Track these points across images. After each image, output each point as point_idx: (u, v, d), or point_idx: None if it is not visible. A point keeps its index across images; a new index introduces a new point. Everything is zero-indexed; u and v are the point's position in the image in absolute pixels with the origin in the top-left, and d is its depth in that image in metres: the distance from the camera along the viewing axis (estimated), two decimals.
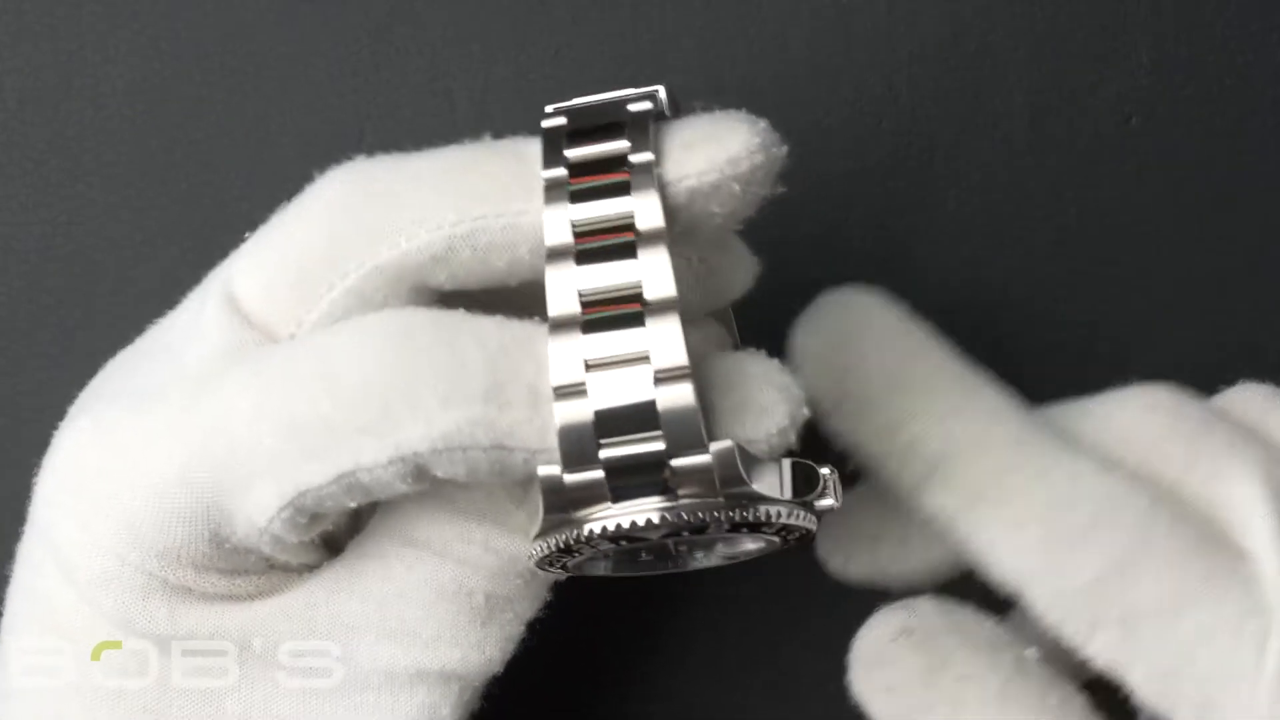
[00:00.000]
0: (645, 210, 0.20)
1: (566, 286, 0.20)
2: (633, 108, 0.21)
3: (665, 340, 0.19)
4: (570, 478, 0.19)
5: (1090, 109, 0.30)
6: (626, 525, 0.19)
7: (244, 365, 0.21)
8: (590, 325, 0.19)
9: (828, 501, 0.20)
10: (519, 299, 0.21)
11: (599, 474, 0.19)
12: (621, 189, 0.20)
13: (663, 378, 0.19)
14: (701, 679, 0.30)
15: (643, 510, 0.19)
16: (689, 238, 0.21)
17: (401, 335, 0.20)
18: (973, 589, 0.24)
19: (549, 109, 0.22)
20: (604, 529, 0.19)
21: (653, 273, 0.20)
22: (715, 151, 0.20)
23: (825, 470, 0.21)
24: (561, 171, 0.20)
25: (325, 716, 0.22)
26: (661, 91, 0.22)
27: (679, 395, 0.19)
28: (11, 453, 0.30)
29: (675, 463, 0.19)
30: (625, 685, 0.30)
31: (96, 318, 0.30)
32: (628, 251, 0.20)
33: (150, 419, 0.21)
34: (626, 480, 0.19)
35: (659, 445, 0.19)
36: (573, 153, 0.21)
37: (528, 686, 0.24)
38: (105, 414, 0.22)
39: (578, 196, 0.20)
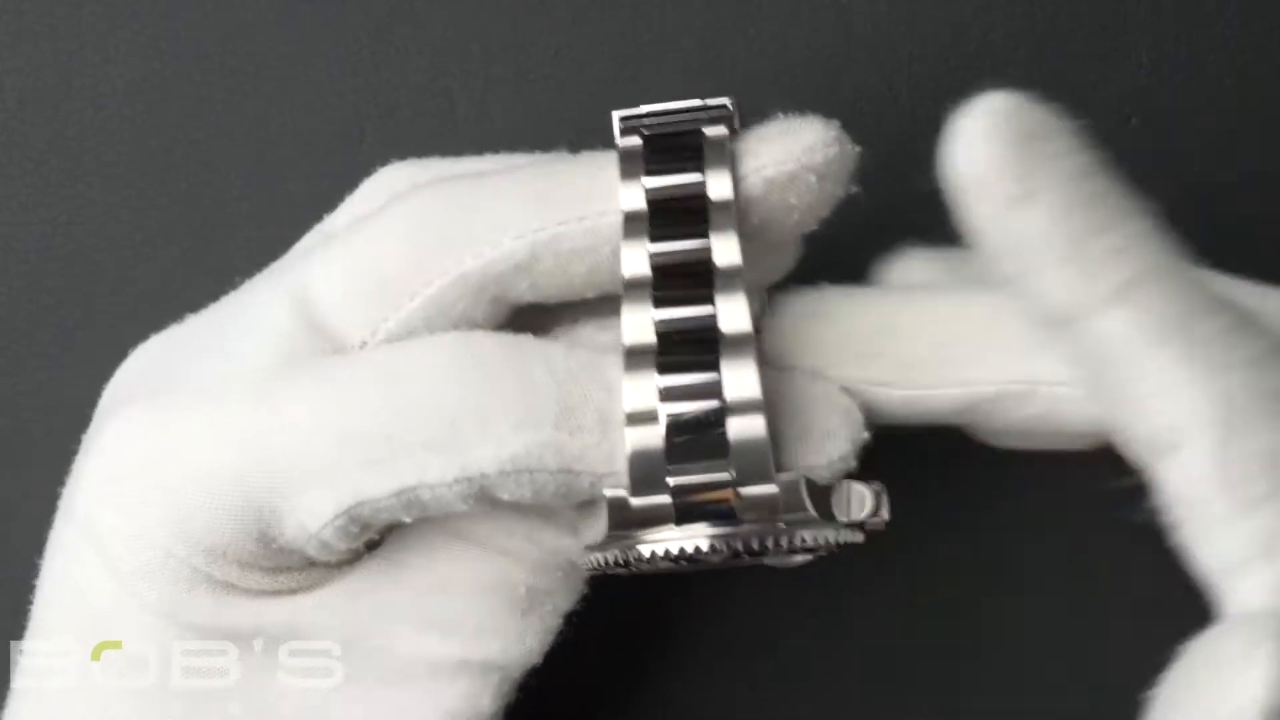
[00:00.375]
0: (724, 249, 0.21)
1: (642, 318, 0.20)
2: (709, 131, 0.21)
3: (740, 375, 0.20)
4: (637, 501, 0.20)
5: (1090, 109, 0.30)
6: (690, 550, 0.20)
7: (308, 372, 0.21)
8: (666, 364, 0.20)
9: (881, 518, 0.21)
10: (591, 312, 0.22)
11: (666, 499, 0.20)
12: (700, 229, 0.21)
13: (735, 409, 0.20)
14: (703, 670, 0.30)
15: (704, 536, 0.20)
16: (765, 238, 0.22)
17: (471, 357, 0.21)
18: None
19: (619, 119, 0.22)
20: (666, 551, 0.20)
21: (729, 309, 0.20)
22: (791, 142, 0.21)
23: (877, 487, 0.21)
24: (640, 203, 0.21)
25: (370, 708, 0.22)
26: (730, 104, 0.22)
27: (751, 428, 0.20)
28: (12, 453, 0.30)
29: (743, 491, 0.19)
30: (630, 678, 0.30)
31: (96, 318, 0.30)
32: (705, 287, 0.20)
33: (207, 415, 0.21)
34: (692, 506, 0.20)
35: (727, 474, 0.20)
36: (651, 182, 0.21)
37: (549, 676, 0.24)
38: (158, 405, 0.22)
39: (657, 235, 0.21)
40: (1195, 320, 0.20)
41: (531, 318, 0.23)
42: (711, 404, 0.20)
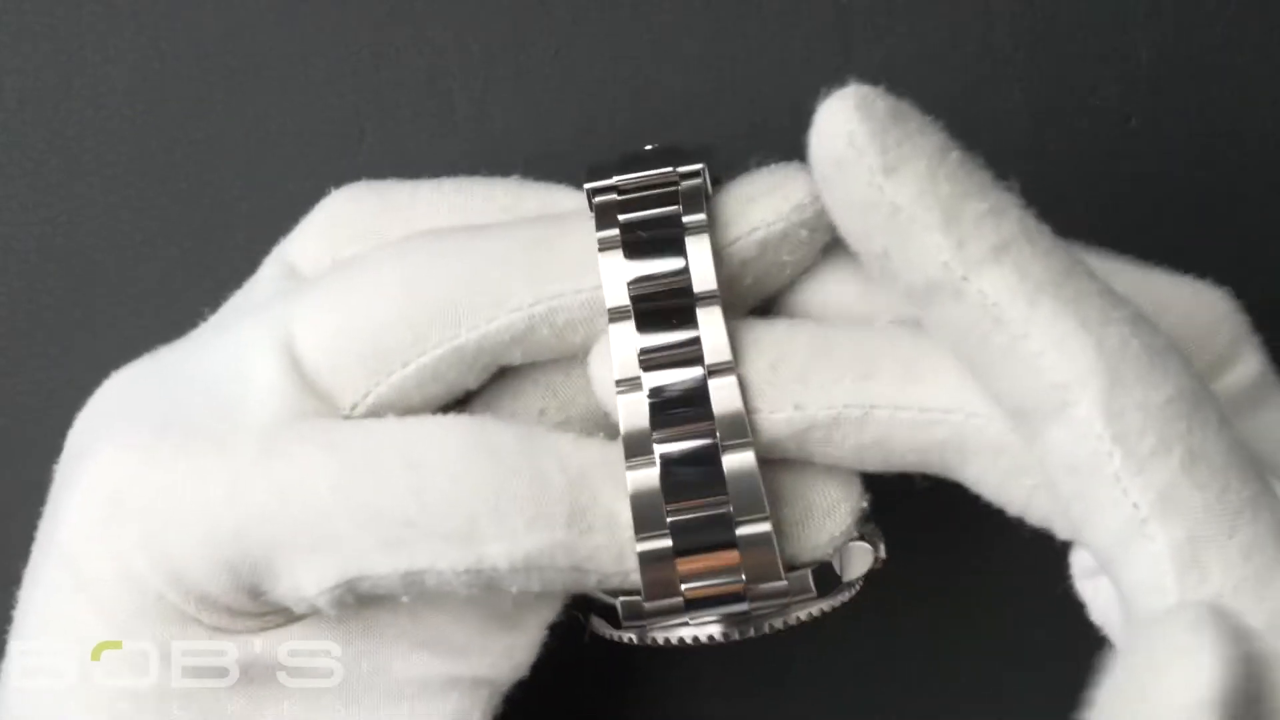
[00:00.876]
0: (711, 336, 0.21)
1: (637, 397, 0.21)
2: (688, 219, 0.21)
3: (744, 482, 0.21)
4: (651, 605, 0.21)
5: (1090, 109, 0.30)
6: (703, 638, 0.21)
7: (319, 439, 0.21)
8: (671, 493, 0.21)
9: (878, 562, 0.22)
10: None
11: (679, 600, 0.21)
12: (688, 324, 0.21)
13: (740, 512, 0.20)
14: (703, 672, 0.30)
15: (712, 627, 0.21)
16: (758, 293, 0.22)
17: (488, 449, 0.21)
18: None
19: (589, 187, 0.22)
20: (680, 640, 0.21)
21: (720, 392, 0.21)
22: (779, 201, 0.21)
23: (871, 533, 0.22)
24: (624, 299, 0.21)
25: None
26: (701, 169, 0.22)
27: (757, 530, 0.20)
28: (12, 453, 0.30)
29: (754, 587, 0.21)
30: (622, 684, 0.30)
31: (96, 318, 0.30)
32: (695, 363, 0.21)
33: (208, 465, 0.21)
34: (704, 601, 0.21)
35: (739, 577, 0.20)
36: (634, 270, 0.21)
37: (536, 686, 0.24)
38: (149, 446, 0.22)
39: (644, 329, 0.21)
40: (1072, 280, 0.19)
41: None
42: (721, 509, 0.20)
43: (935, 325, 0.20)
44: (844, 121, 0.20)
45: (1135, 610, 0.19)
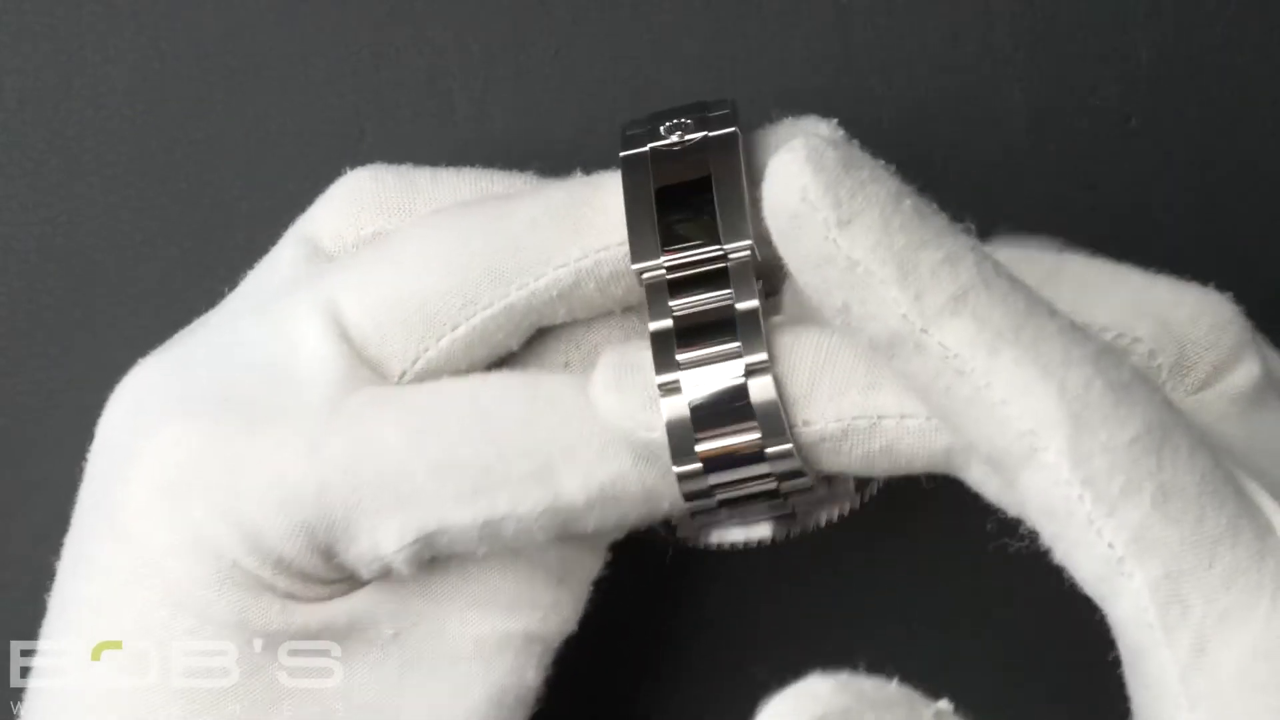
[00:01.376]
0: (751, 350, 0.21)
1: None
2: (734, 258, 0.22)
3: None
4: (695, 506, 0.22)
5: (1090, 109, 0.30)
6: (754, 540, 0.24)
7: (386, 400, 0.22)
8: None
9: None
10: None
11: (714, 502, 0.22)
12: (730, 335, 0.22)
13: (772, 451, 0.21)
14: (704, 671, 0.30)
15: (762, 528, 0.24)
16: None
17: (548, 398, 0.22)
18: None
19: (636, 267, 0.22)
20: (733, 544, 0.24)
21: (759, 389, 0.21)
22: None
23: None
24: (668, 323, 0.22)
25: (429, 696, 0.23)
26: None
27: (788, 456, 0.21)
28: (12, 453, 0.30)
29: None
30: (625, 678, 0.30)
31: (96, 318, 0.30)
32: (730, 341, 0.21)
33: (280, 435, 0.22)
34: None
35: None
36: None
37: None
38: (215, 420, 0.22)
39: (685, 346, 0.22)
40: (1032, 323, 0.19)
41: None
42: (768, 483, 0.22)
43: (902, 376, 0.20)
44: (796, 175, 0.19)
45: (1125, 644, 0.20)
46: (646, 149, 0.22)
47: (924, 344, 0.19)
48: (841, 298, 0.20)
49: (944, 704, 0.19)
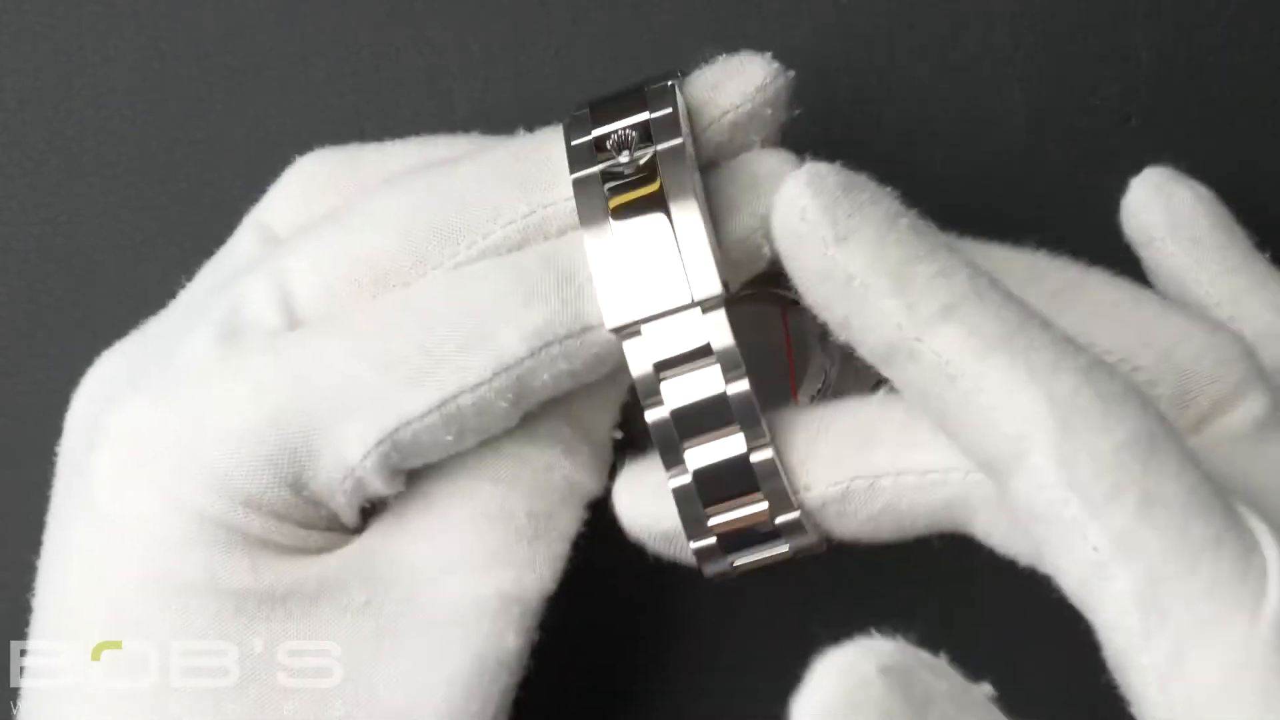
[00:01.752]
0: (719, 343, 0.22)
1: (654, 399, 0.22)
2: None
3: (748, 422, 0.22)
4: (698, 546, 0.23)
5: (1090, 109, 0.30)
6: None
7: (325, 322, 0.22)
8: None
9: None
10: None
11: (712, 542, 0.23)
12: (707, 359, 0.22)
13: (755, 447, 0.22)
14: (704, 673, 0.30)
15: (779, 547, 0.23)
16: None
17: (471, 274, 0.22)
18: None
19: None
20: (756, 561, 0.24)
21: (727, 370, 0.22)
22: (743, 83, 0.23)
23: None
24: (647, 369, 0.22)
25: (407, 661, 0.22)
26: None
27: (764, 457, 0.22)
28: (11, 453, 0.30)
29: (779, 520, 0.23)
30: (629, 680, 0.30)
31: (96, 318, 0.30)
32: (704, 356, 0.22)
33: (228, 383, 0.22)
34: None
35: (762, 505, 0.22)
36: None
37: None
38: (165, 385, 0.22)
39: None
40: (1023, 333, 0.20)
41: None
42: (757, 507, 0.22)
43: (899, 385, 0.21)
44: (797, 198, 0.21)
45: (1109, 651, 0.20)
46: (596, 172, 0.22)
47: (918, 351, 0.20)
48: (842, 311, 0.21)
49: (988, 687, 0.19)
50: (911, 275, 0.20)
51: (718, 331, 0.22)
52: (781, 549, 0.23)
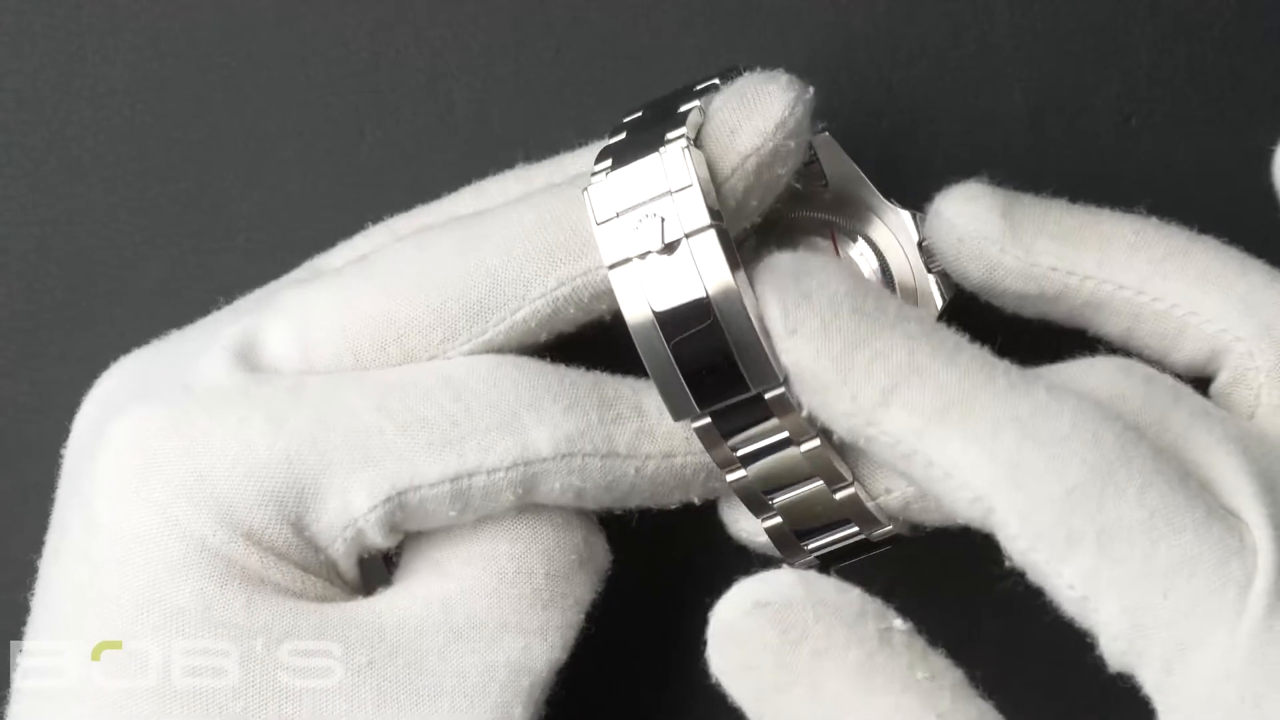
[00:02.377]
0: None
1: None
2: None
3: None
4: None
5: (1090, 109, 0.30)
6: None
7: (352, 377, 0.22)
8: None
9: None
10: None
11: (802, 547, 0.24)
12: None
13: (803, 443, 0.23)
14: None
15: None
16: (764, 202, 0.23)
17: (514, 364, 0.22)
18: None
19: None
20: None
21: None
22: (761, 122, 0.22)
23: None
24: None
25: None
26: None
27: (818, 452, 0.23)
28: (11, 453, 0.30)
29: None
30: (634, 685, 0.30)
31: (96, 318, 0.30)
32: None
33: (243, 413, 0.22)
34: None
35: (853, 529, 0.24)
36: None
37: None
38: (179, 403, 0.22)
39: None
40: (962, 399, 0.21)
41: None
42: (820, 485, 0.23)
43: (877, 461, 0.22)
44: (763, 293, 0.21)
45: (1113, 666, 0.21)
46: (632, 262, 0.22)
47: (871, 435, 0.21)
48: (807, 402, 0.22)
49: (900, 622, 0.21)
50: (851, 364, 0.21)
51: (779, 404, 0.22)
52: (881, 549, 0.24)
